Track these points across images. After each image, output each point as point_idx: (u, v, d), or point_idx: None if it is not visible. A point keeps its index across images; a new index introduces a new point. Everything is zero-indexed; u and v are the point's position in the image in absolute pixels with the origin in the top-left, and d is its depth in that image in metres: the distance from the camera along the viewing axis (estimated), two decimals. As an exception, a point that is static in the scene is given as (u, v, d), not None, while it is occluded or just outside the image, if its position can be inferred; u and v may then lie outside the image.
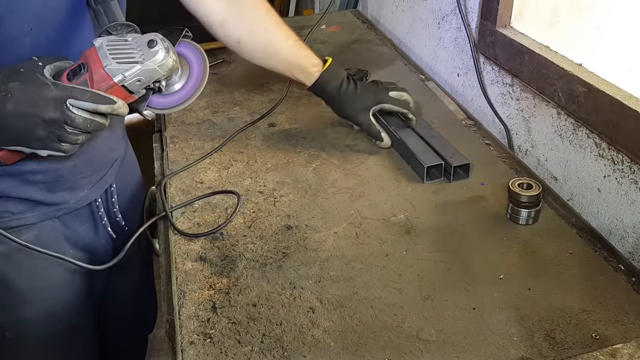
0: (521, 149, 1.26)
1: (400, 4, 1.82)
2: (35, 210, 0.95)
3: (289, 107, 1.41)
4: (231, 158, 1.20)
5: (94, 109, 0.74)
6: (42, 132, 0.73)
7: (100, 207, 1.08)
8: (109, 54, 0.76)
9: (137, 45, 0.77)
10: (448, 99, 1.42)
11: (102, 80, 0.76)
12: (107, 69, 0.76)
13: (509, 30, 1.24)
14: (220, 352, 0.77)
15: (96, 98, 0.74)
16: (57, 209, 0.99)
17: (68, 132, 0.74)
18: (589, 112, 1.00)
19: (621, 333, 0.78)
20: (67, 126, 0.74)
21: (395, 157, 1.19)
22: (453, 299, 0.84)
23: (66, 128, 0.74)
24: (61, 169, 0.95)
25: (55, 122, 0.73)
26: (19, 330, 1.03)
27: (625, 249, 0.97)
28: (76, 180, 0.99)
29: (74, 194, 1.00)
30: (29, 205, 0.95)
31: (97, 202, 1.07)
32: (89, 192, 1.03)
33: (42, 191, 0.95)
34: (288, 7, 3.07)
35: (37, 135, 0.74)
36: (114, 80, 0.76)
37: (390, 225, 0.99)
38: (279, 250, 0.95)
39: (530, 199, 0.96)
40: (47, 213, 0.97)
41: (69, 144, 0.76)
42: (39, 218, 0.96)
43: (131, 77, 0.77)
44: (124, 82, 0.77)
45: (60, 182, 0.96)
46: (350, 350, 0.77)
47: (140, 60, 0.76)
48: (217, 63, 1.66)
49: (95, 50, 0.77)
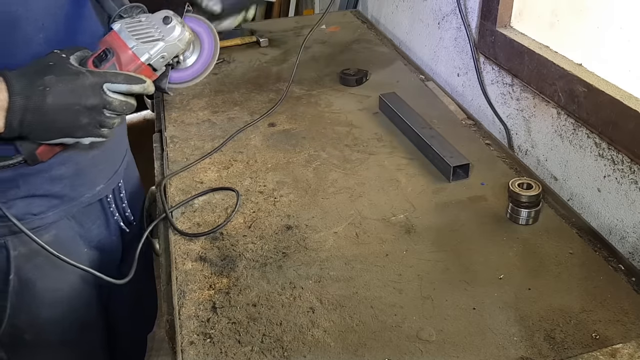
0: (521, 149, 1.26)
1: (400, 4, 1.82)
2: (55, 208, 0.97)
3: (289, 107, 1.41)
4: (231, 158, 1.20)
5: (128, 90, 0.77)
6: (85, 120, 0.75)
7: (111, 203, 1.10)
8: (131, 35, 0.79)
9: (152, 23, 0.81)
10: (448, 99, 1.42)
11: (130, 61, 0.79)
12: (134, 49, 0.79)
13: (509, 30, 1.24)
14: (220, 352, 0.77)
15: (129, 79, 0.77)
16: (74, 205, 1.00)
17: (107, 117, 0.77)
18: (589, 112, 1.00)
19: (621, 333, 0.78)
20: (106, 110, 0.76)
21: (396, 157, 1.19)
22: (453, 299, 0.84)
23: (105, 112, 0.77)
24: (81, 162, 0.97)
25: (95, 108, 0.75)
26: (38, 331, 1.03)
27: (625, 249, 0.97)
28: (94, 173, 1.02)
29: (91, 188, 1.02)
30: (51, 203, 0.96)
31: (108, 198, 1.09)
32: (104, 186, 1.05)
33: (65, 187, 0.96)
34: (288, 7, 3.07)
35: (81, 123, 0.75)
36: (141, 60, 0.79)
37: (390, 225, 0.99)
38: (279, 250, 0.95)
39: (530, 199, 0.96)
40: (65, 210, 0.99)
41: (107, 128, 0.79)
42: (58, 216, 0.98)
43: (156, 55, 0.80)
44: (150, 61, 0.80)
45: (80, 176, 0.98)
46: (350, 350, 0.77)
47: (161, 37, 0.80)
48: (217, 63, 1.65)
49: (116, 35, 0.79)
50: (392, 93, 1.37)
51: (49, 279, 1.00)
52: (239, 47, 1.79)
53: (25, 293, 0.98)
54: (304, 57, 1.70)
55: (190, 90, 1.50)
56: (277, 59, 1.71)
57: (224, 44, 1.76)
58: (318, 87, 1.51)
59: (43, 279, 0.99)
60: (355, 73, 1.52)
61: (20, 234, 0.93)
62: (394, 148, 1.22)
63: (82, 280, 1.05)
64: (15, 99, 0.71)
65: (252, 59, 1.70)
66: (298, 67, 1.50)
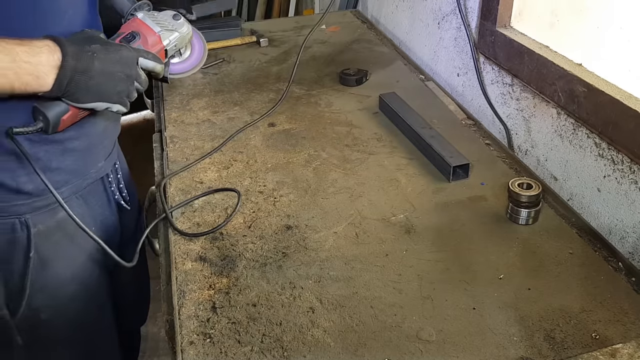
0: (521, 149, 1.26)
1: (400, 4, 1.82)
2: (68, 183, 0.99)
3: (289, 107, 1.41)
4: (231, 158, 1.20)
5: (154, 67, 0.89)
6: (122, 87, 0.84)
7: (112, 183, 1.13)
8: (155, 23, 0.91)
9: (165, 18, 0.94)
10: (448, 99, 1.42)
11: (156, 43, 0.92)
12: (160, 33, 0.92)
13: (508, 30, 1.24)
14: (220, 352, 0.77)
15: (156, 58, 0.89)
16: (82, 181, 1.02)
17: (134, 88, 0.86)
18: (589, 112, 1.00)
19: (621, 333, 0.78)
20: (136, 82, 0.86)
21: (396, 157, 1.19)
22: (453, 299, 0.84)
23: (135, 84, 0.86)
24: (92, 135, 1.00)
25: (131, 78, 0.85)
26: (55, 310, 1.04)
27: (625, 249, 0.97)
28: (99, 148, 1.05)
29: (95, 163, 1.05)
30: (64, 178, 0.98)
31: (110, 177, 1.12)
32: (105, 162, 1.08)
33: (77, 160, 0.99)
34: (288, 7, 3.07)
35: (118, 89, 0.84)
36: (164, 44, 0.93)
37: (390, 225, 0.99)
38: (278, 250, 0.95)
39: (530, 199, 0.96)
40: (76, 186, 1.02)
41: (129, 99, 0.87)
42: (69, 192, 1.00)
43: (173, 42, 0.94)
44: (167, 46, 0.94)
45: (90, 149, 1.02)
46: (350, 350, 0.77)
47: (175, 29, 0.93)
48: (217, 63, 1.66)
49: (141, 21, 0.92)
50: (392, 93, 1.37)
51: (65, 257, 1.03)
52: (239, 47, 1.79)
53: (44, 271, 1.00)
54: (304, 57, 1.70)
55: (190, 90, 1.50)
56: (277, 59, 1.71)
57: (224, 43, 1.76)
58: (318, 87, 1.51)
59: (60, 257, 1.02)
60: (355, 73, 1.52)
61: (39, 211, 0.97)
62: (394, 148, 1.22)
63: (91, 260, 1.08)
64: (68, 60, 0.78)
65: (252, 59, 1.70)
66: (298, 67, 1.51)
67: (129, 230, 1.21)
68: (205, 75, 1.59)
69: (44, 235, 0.98)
